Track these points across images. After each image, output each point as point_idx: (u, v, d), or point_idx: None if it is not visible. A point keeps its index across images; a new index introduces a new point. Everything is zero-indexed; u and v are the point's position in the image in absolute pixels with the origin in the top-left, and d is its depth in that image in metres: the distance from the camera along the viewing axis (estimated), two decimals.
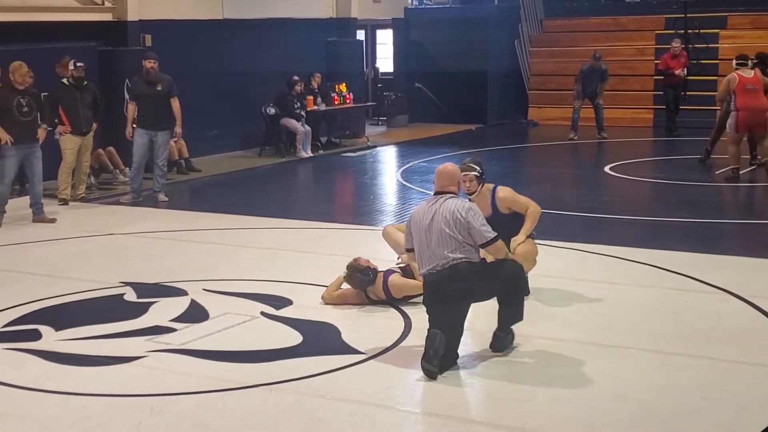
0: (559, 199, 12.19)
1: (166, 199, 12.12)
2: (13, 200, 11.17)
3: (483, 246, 6.12)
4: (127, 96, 12.83)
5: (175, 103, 11.95)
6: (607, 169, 14.47)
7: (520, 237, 7.21)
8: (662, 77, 17.89)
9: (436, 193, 6.23)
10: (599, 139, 17.81)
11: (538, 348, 6.40)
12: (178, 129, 12.10)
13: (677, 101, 17.90)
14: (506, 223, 7.10)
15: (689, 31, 18.51)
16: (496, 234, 6.10)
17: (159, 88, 11.92)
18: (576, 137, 17.74)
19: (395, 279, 7.28)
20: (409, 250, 6.30)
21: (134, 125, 12.02)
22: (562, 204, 11.72)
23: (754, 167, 13.70)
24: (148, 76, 12.00)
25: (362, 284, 7.28)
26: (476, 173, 7.05)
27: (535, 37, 21.60)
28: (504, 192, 7.35)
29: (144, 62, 12.10)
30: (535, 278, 7.86)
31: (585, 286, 7.87)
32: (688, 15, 18.85)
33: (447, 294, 6.02)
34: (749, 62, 13.26)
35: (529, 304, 7.33)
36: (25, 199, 11.09)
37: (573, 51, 20.52)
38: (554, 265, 8.61)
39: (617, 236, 9.77)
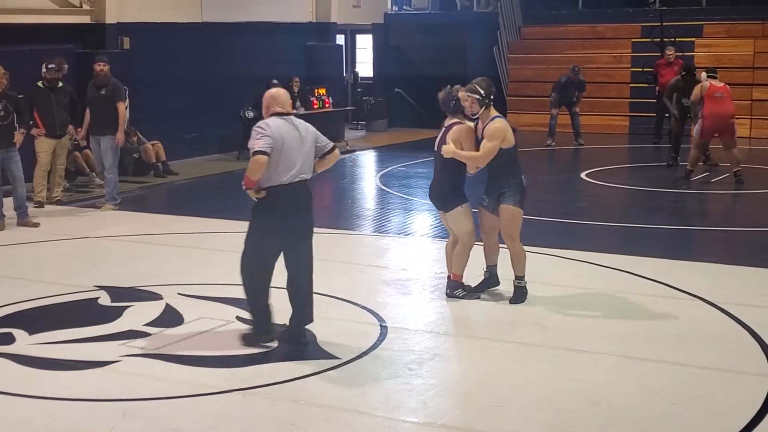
0: (536, 205, 12.21)
1: (113, 208, 11.63)
2: None
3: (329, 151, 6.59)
4: None
5: (120, 108, 11.55)
6: (583, 175, 14.56)
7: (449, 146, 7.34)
8: (655, 84, 17.79)
9: (280, 115, 6.41)
10: (576, 146, 17.92)
11: (512, 353, 6.44)
12: (118, 135, 11.54)
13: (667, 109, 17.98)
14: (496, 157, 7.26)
15: (665, 39, 18.64)
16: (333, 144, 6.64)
17: (103, 92, 11.62)
18: (553, 143, 17.84)
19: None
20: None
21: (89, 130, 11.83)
22: (538, 210, 11.75)
23: (707, 173, 13.90)
24: (96, 80, 11.73)
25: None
26: (478, 96, 7.23)
27: (514, 44, 21.70)
28: (494, 124, 7.31)
29: (94, 65, 11.81)
30: (508, 283, 7.91)
31: (559, 291, 7.92)
32: (664, 23, 18.99)
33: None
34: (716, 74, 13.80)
35: (502, 308, 7.40)
36: (8, 202, 10.95)
37: (551, 58, 20.63)
38: (529, 270, 8.63)
39: (592, 242, 9.83)
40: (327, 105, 17.87)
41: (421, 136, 19.28)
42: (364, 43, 22.27)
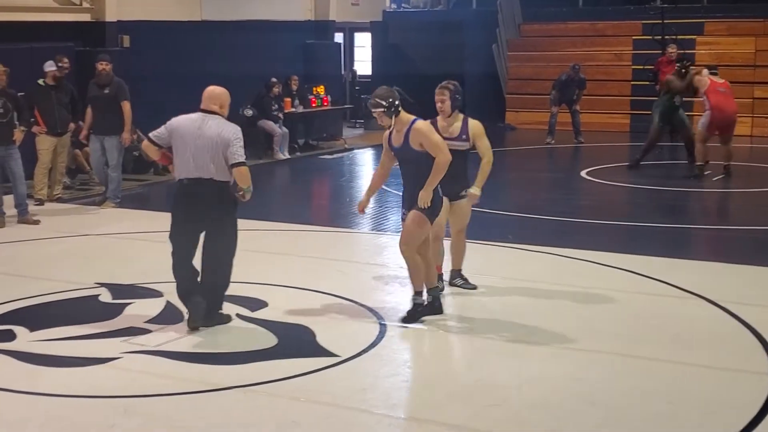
0: (535, 204, 12.27)
1: (113, 206, 11.66)
2: None
3: (231, 167, 6.59)
4: None
5: (126, 108, 11.56)
6: (583, 173, 14.57)
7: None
8: (656, 83, 17.69)
9: (202, 111, 6.75)
10: (576, 144, 17.93)
11: (510, 352, 6.45)
12: (125, 134, 11.59)
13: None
14: (414, 160, 6.91)
15: (666, 36, 18.65)
16: (243, 159, 6.61)
17: (106, 91, 11.62)
18: (553, 141, 17.85)
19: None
20: (158, 146, 6.79)
21: (90, 129, 11.84)
22: (537, 208, 11.80)
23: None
24: (98, 79, 11.72)
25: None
26: (382, 108, 6.86)
27: (513, 41, 21.70)
28: (420, 125, 6.94)
29: (96, 64, 11.80)
30: (507, 281, 7.94)
31: (558, 290, 7.93)
32: (665, 21, 19.00)
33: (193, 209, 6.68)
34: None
35: (500, 308, 7.42)
36: (8, 199, 10.96)
37: (551, 55, 20.65)
38: (527, 270, 8.68)
39: (592, 241, 9.84)
40: (325, 103, 17.88)
41: None
42: (363, 41, 22.27)
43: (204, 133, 6.67)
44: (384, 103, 6.81)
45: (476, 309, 7.45)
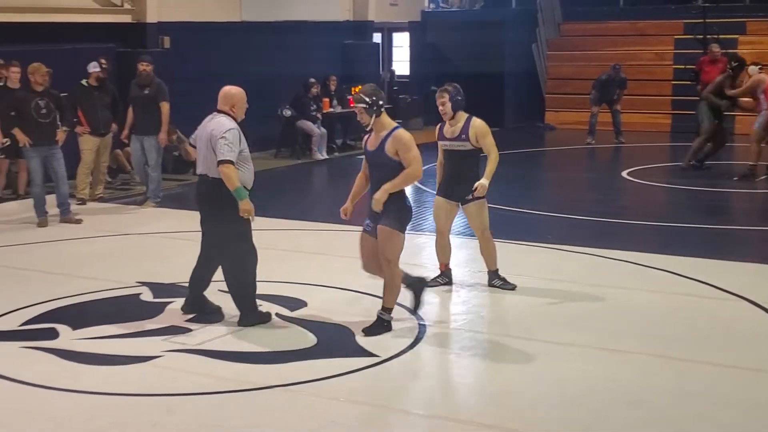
0: (575, 204, 12.19)
1: (154, 205, 11.76)
2: (29, 201, 11.13)
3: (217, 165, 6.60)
4: None
5: (164, 108, 11.68)
6: (624, 173, 14.44)
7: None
8: (697, 82, 17.45)
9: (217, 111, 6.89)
10: (617, 144, 17.79)
11: (549, 352, 6.42)
12: (161, 135, 11.68)
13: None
14: (384, 167, 6.59)
15: (708, 36, 18.43)
16: (227, 158, 6.57)
17: (146, 91, 11.75)
18: (593, 141, 17.72)
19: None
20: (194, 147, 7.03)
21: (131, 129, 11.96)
22: (577, 208, 11.73)
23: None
24: (139, 79, 11.87)
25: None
26: (364, 105, 6.54)
27: (553, 41, 21.58)
28: (401, 133, 6.63)
29: (137, 64, 11.94)
30: (546, 282, 7.89)
31: (598, 290, 7.87)
32: (707, 20, 18.79)
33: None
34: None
35: (538, 308, 7.38)
36: (51, 199, 11.09)
37: (591, 55, 20.51)
38: (567, 270, 8.63)
39: (632, 241, 9.75)
40: None
41: None
42: (401, 42, 22.26)
43: (204, 131, 6.82)
44: (367, 99, 6.54)
45: (514, 309, 7.42)
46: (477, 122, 7.66)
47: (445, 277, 8.02)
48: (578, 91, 19.75)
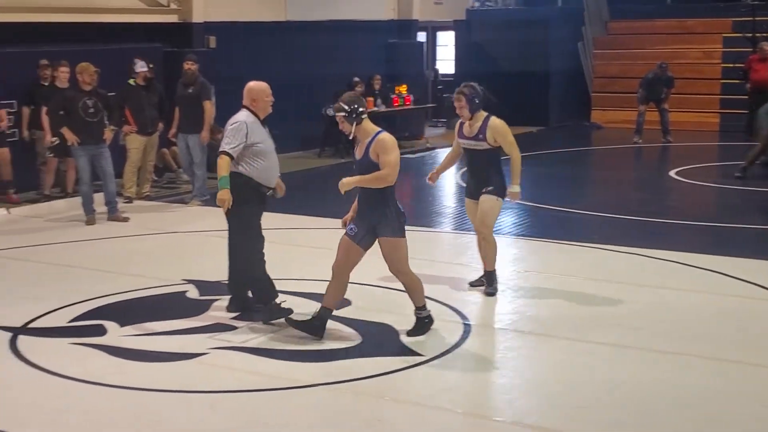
0: (622, 204, 12.07)
1: (200, 204, 11.82)
2: (77, 199, 11.23)
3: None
4: None
5: (206, 107, 11.74)
6: (672, 173, 14.27)
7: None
8: (746, 81, 17.16)
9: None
10: (664, 143, 17.58)
11: (599, 353, 6.34)
12: (203, 134, 11.72)
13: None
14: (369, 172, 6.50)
15: (757, 34, 18.14)
16: (225, 149, 6.73)
17: (190, 90, 11.82)
18: (640, 141, 17.53)
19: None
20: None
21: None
22: (624, 208, 11.61)
23: None
24: (184, 78, 11.96)
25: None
26: (344, 113, 6.47)
27: (599, 39, 21.40)
28: (383, 137, 6.51)
29: (183, 63, 12.03)
30: (593, 282, 7.80)
31: (645, 291, 7.77)
32: (756, 18, 18.49)
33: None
34: None
35: (585, 310, 7.31)
36: (98, 197, 11.17)
37: (638, 54, 20.30)
38: (614, 270, 8.53)
39: (680, 242, 9.62)
40: (407, 102, 17.87)
41: None
42: (446, 40, 22.20)
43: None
44: (347, 107, 6.44)
45: (560, 309, 7.34)
46: (495, 122, 7.57)
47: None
48: (625, 90, 19.54)
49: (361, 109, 6.48)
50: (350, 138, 6.70)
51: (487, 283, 7.73)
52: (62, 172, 12.23)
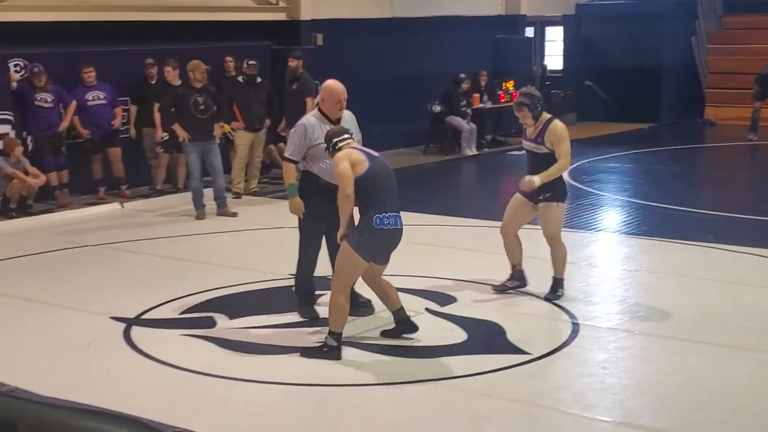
0: (737, 202, 11.71)
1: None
2: (188, 195, 11.43)
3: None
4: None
5: (309, 103, 11.83)
6: None
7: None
8: None
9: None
10: None
11: (713, 355, 6.17)
12: None
13: None
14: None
15: None
16: (286, 154, 6.85)
17: (294, 87, 11.97)
18: (756, 138, 16.95)
19: None
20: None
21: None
22: (740, 207, 11.25)
23: None
24: (288, 75, 12.16)
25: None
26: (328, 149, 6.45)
27: (713, 34, 20.80)
28: (337, 156, 6.29)
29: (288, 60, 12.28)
30: (707, 282, 7.57)
31: (762, 292, 7.53)
32: None
33: None
34: None
35: (699, 310, 7.11)
36: (207, 193, 11.36)
37: (754, 49, 19.66)
38: (729, 270, 8.28)
39: None
40: (514, 99, 17.64)
41: (611, 130, 18.79)
42: (555, 36, 21.90)
43: None
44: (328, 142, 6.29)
45: (673, 309, 7.15)
46: (556, 127, 7.32)
47: (515, 281, 7.60)
48: (741, 86, 18.90)
49: (342, 138, 6.26)
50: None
51: (552, 290, 7.43)
52: (173, 167, 12.50)
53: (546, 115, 7.38)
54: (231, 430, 4.87)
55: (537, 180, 7.28)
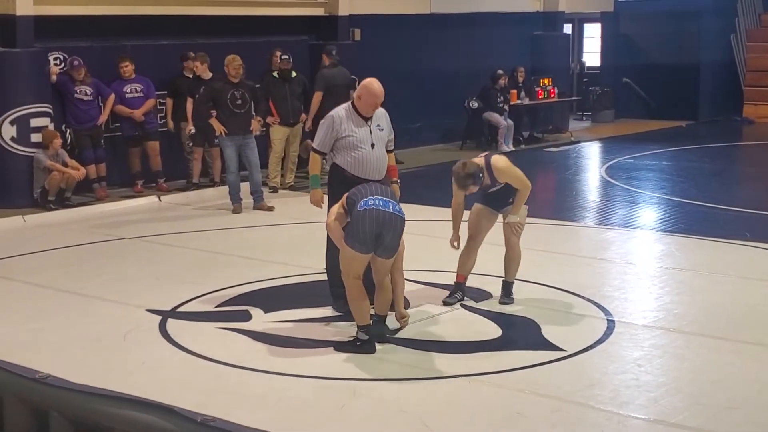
0: None
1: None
2: (225, 188, 11.51)
3: None
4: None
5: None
6: None
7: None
8: None
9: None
10: None
11: (749, 353, 6.12)
12: None
13: None
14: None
15: None
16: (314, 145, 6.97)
17: (338, 81, 12.15)
18: None
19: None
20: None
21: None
22: None
23: None
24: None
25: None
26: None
27: (753, 32, 20.55)
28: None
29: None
30: (744, 281, 7.49)
31: None
32: None
33: None
34: None
35: (735, 308, 7.07)
36: (244, 187, 11.42)
37: None
38: (767, 269, 8.20)
39: None
40: (552, 95, 17.61)
41: (648, 127, 18.65)
42: (593, 32, 21.76)
43: None
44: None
45: (709, 308, 7.10)
46: (498, 166, 7.18)
47: (460, 293, 7.34)
48: None
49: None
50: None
51: (506, 293, 7.32)
52: (208, 161, 12.58)
53: (482, 162, 7.15)
54: (265, 423, 4.90)
55: (516, 217, 7.28)
